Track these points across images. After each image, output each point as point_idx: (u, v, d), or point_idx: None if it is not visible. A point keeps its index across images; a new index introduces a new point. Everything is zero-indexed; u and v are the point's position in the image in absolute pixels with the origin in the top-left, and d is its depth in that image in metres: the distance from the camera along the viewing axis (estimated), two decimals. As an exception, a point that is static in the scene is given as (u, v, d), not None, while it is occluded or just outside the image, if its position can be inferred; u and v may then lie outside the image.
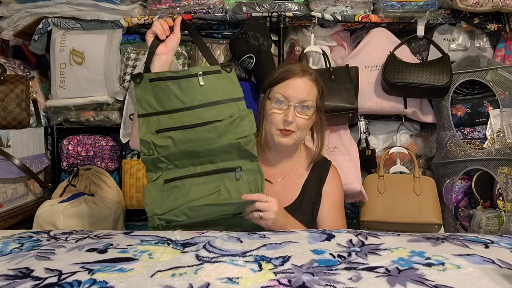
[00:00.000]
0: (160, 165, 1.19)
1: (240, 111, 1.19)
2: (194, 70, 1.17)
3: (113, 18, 1.95)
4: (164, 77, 1.17)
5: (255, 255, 0.84)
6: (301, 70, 1.35)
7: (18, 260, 0.83)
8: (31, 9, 1.95)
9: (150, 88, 1.18)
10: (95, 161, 2.08)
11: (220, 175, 1.19)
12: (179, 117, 1.17)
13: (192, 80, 1.16)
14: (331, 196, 1.42)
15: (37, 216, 1.77)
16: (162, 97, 1.17)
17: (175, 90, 1.16)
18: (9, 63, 2.01)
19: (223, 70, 1.19)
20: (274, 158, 1.42)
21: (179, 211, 1.17)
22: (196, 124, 1.16)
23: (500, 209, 1.79)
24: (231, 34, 2.07)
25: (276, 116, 1.32)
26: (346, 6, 1.94)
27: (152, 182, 1.19)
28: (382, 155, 1.94)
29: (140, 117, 1.18)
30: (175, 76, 1.17)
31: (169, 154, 1.18)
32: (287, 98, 1.31)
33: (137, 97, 1.19)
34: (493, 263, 0.78)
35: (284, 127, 1.30)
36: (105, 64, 1.94)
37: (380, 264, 0.78)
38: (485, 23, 1.87)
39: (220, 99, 1.18)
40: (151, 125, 1.18)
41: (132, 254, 0.86)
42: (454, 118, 1.89)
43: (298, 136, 1.34)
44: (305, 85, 1.33)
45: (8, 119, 1.81)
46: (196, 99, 1.16)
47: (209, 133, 1.16)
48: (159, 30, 1.23)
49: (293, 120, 1.30)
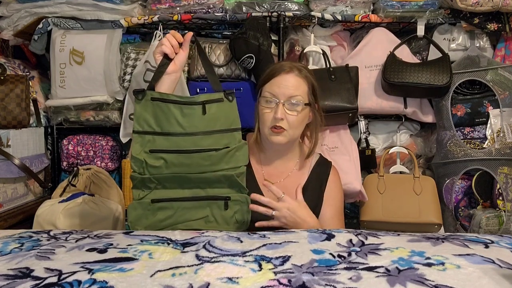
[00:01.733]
0: (149, 184, 1.19)
1: (236, 142, 1.20)
2: (198, 98, 1.18)
3: (113, 18, 1.95)
4: (168, 99, 1.17)
5: (255, 255, 0.84)
6: (288, 66, 1.34)
7: (18, 260, 0.83)
8: (31, 9, 1.95)
9: (151, 106, 1.17)
10: (95, 161, 2.08)
11: (208, 202, 1.20)
12: (176, 141, 1.17)
13: (195, 108, 1.17)
14: (334, 200, 1.42)
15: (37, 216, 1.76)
16: (161, 118, 1.17)
17: (177, 114, 1.16)
18: (9, 63, 2.01)
19: (226, 99, 1.20)
20: (272, 158, 1.42)
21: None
22: (192, 150, 1.17)
23: (500, 209, 1.79)
24: (231, 34, 2.07)
25: (267, 115, 1.32)
26: (346, 6, 1.94)
27: (139, 200, 1.19)
28: (382, 155, 1.94)
29: (135, 134, 1.18)
30: (178, 101, 1.16)
31: (160, 176, 1.18)
32: (275, 96, 1.31)
33: (135, 113, 1.18)
34: (493, 263, 0.78)
35: (274, 124, 1.30)
36: (105, 64, 1.94)
37: (380, 264, 0.78)
38: (485, 23, 1.87)
39: (219, 129, 1.19)
40: (145, 143, 1.17)
41: (132, 254, 0.86)
42: (454, 118, 1.89)
43: (291, 134, 1.33)
44: (292, 81, 1.32)
45: (8, 119, 1.81)
46: (196, 126, 1.17)
47: (203, 160, 1.17)
48: (169, 50, 1.20)
49: (282, 117, 1.29)
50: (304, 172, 1.43)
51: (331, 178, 1.43)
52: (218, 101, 1.19)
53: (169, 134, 1.17)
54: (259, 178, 1.40)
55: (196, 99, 1.18)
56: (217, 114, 1.19)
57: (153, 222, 1.19)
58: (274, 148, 1.38)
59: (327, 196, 1.41)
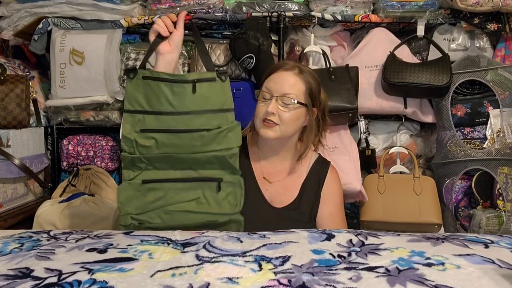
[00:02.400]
0: (139, 164, 1.17)
1: (228, 123, 1.18)
2: (189, 76, 1.16)
3: (113, 18, 1.95)
4: (158, 77, 1.15)
5: (255, 255, 0.84)
6: (290, 64, 1.35)
7: (18, 260, 0.83)
8: (31, 9, 1.95)
9: (142, 85, 1.16)
10: (95, 161, 2.08)
11: (200, 183, 1.18)
12: (166, 120, 1.15)
13: (185, 86, 1.15)
14: (331, 198, 1.42)
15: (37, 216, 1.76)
16: (152, 97, 1.15)
17: (167, 93, 1.15)
18: (9, 63, 2.01)
19: (218, 79, 1.18)
20: (269, 155, 1.42)
21: (154, 213, 1.16)
22: (182, 130, 1.15)
23: (500, 209, 1.79)
24: (231, 34, 2.07)
25: (260, 108, 1.32)
26: (346, 6, 1.94)
27: (129, 181, 1.17)
28: (382, 155, 1.94)
29: (125, 113, 1.17)
30: (169, 79, 1.15)
31: (151, 156, 1.16)
32: (270, 90, 1.32)
33: (126, 92, 1.17)
34: (493, 263, 0.78)
35: (266, 117, 1.30)
36: (105, 64, 1.94)
37: (380, 264, 0.78)
38: (485, 23, 1.87)
39: (210, 109, 1.16)
40: (135, 123, 1.16)
41: (132, 254, 0.86)
42: (454, 118, 1.89)
43: (282, 130, 1.32)
44: (289, 79, 1.32)
45: (8, 119, 1.81)
46: (186, 105, 1.15)
47: (194, 140, 1.15)
48: (162, 28, 1.19)
49: (273, 111, 1.29)
50: (303, 171, 1.43)
51: (329, 177, 1.43)
52: (210, 80, 1.17)
53: (159, 113, 1.15)
54: (258, 175, 1.40)
55: (187, 77, 1.16)
56: (209, 93, 1.16)
57: (143, 203, 1.16)
58: (268, 143, 1.38)
59: (324, 195, 1.41)
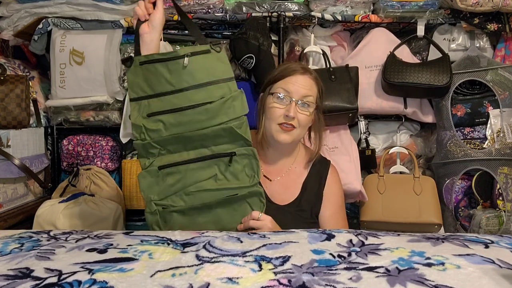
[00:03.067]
0: (152, 150, 1.17)
1: (231, 92, 1.16)
2: (181, 51, 1.14)
3: (113, 18, 1.95)
4: (153, 59, 1.15)
5: (255, 255, 0.83)
6: (302, 68, 1.37)
7: (18, 260, 0.83)
8: (31, 9, 1.94)
9: (141, 71, 1.16)
10: (95, 161, 2.08)
11: (214, 160, 1.17)
12: (169, 100, 1.14)
13: (179, 62, 1.14)
14: (332, 198, 1.42)
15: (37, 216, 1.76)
16: (152, 80, 1.15)
17: (164, 72, 1.14)
18: (9, 63, 2.01)
19: (213, 50, 1.16)
20: (272, 156, 1.42)
21: (176, 196, 1.17)
22: (186, 106, 1.14)
23: (500, 209, 1.79)
24: (231, 34, 2.07)
25: (277, 111, 1.32)
26: (346, 6, 1.94)
27: (146, 169, 1.18)
28: (382, 155, 1.94)
29: (132, 101, 1.17)
30: (163, 58, 1.14)
31: (161, 139, 1.16)
32: (289, 93, 1.32)
33: (128, 81, 1.18)
34: (493, 263, 0.78)
35: (285, 121, 1.30)
36: (105, 64, 1.94)
37: (380, 264, 0.78)
38: (485, 23, 1.87)
39: (210, 80, 1.15)
40: (142, 109, 1.16)
41: (132, 254, 0.86)
42: (454, 118, 1.89)
43: (298, 133, 1.34)
44: (307, 82, 1.34)
45: (8, 119, 1.81)
46: (184, 81, 1.14)
47: (199, 115, 1.14)
48: (140, 11, 1.19)
49: (294, 115, 1.30)
50: (304, 170, 1.43)
51: (330, 177, 1.43)
52: (204, 52, 1.15)
53: (162, 95, 1.15)
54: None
55: (180, 52, 1.14)
56: (205, 65, 1.15)
57: (163, 188, 1.17)
58: (278, 146, 1.38)
59: (326, 195, 1.41)
